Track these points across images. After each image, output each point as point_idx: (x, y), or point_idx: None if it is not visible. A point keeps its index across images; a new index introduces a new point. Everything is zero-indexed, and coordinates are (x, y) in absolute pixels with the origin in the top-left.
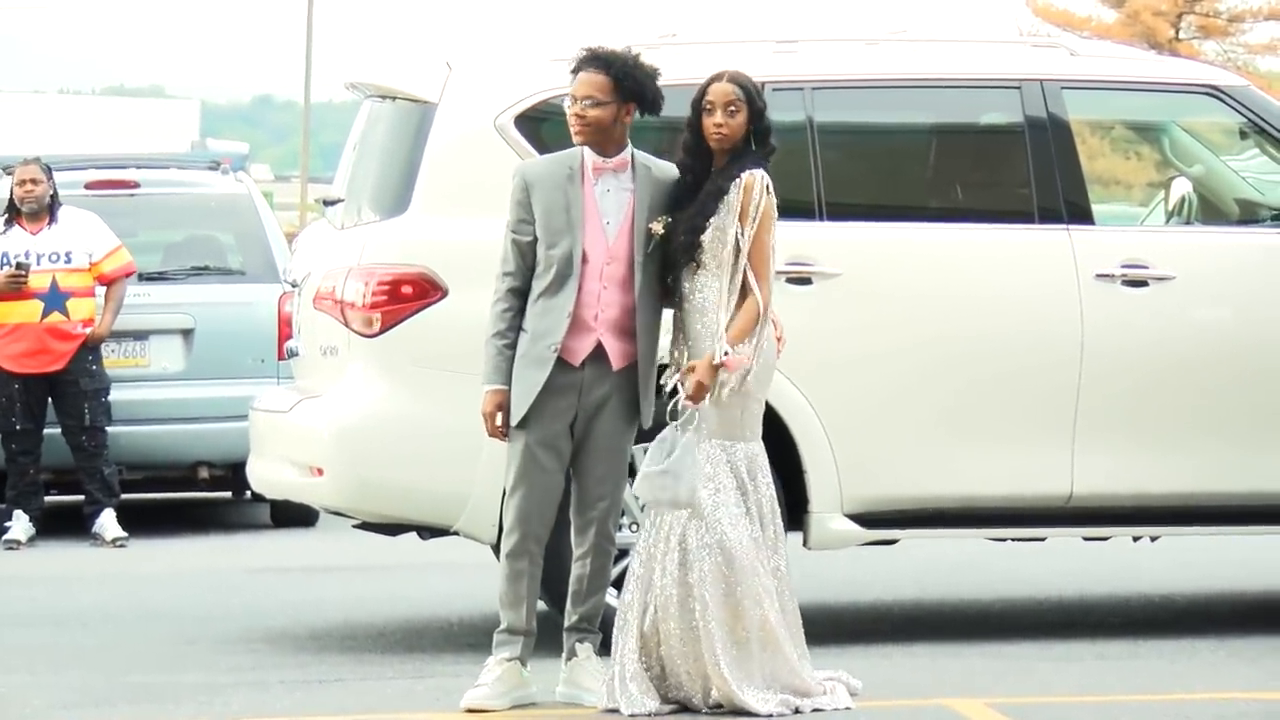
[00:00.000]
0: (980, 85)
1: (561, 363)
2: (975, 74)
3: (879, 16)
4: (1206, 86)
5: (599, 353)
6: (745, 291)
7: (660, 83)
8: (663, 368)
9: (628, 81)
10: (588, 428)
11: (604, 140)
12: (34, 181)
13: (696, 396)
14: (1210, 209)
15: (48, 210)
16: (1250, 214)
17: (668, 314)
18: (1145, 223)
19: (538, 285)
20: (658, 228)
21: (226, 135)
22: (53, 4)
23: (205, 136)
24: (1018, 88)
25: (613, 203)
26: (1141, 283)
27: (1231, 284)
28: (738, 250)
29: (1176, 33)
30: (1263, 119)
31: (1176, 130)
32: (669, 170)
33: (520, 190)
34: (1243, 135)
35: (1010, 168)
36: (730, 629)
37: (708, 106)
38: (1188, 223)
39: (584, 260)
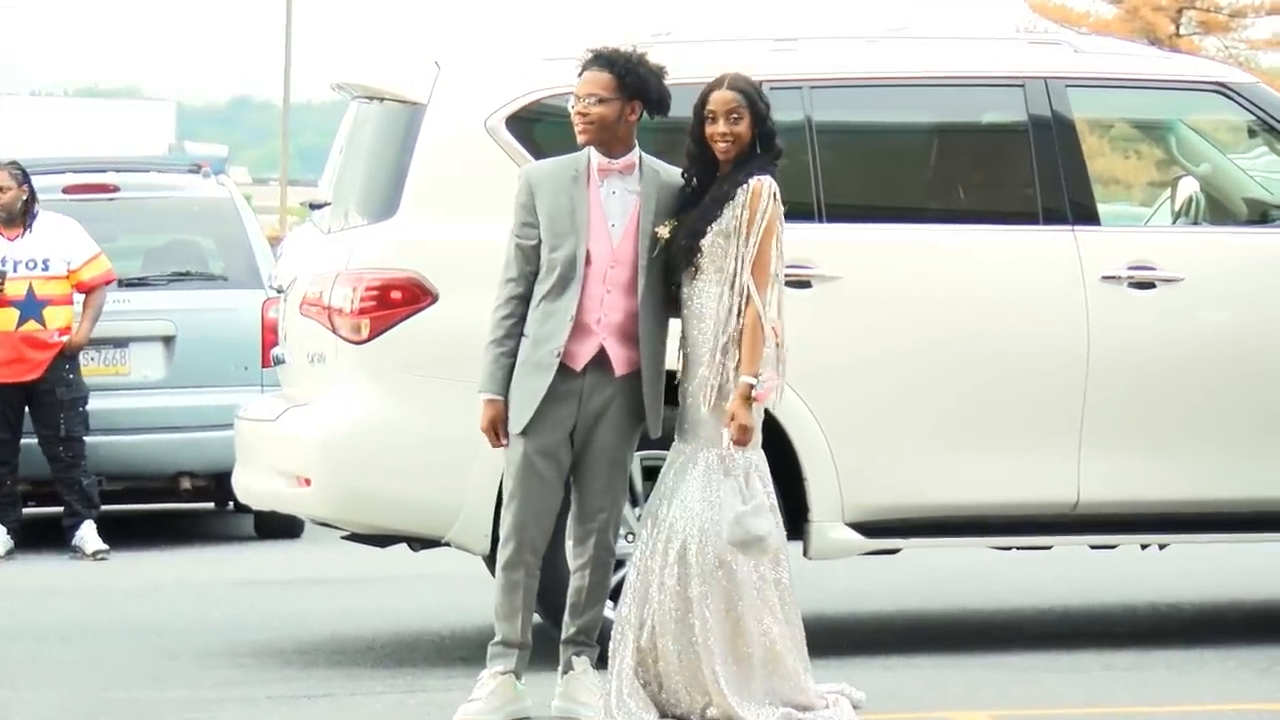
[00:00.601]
0: (983, 83)
1: (563, 368)
2: (978, 72)
3: (878, 13)
4: (1214, 84)
5: (601, 358)
6: (748, 300)
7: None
8: (670, 374)
9: (630, 78)
10: (588, 437)
11: (609, 140)
12: (1, 189)
13: (743, 441)
14: (1218, 209)
15: (23, 216)
16: (1259, 214)
17: (675, 323)
18: (1151, 223)
19: (540, 289)
20: (664, 231)
21: (203, 137)
22: (23, 2)
23: (182, 139)
24: (1021, 86)
25: (618, 205)
26: (1149, 284)
27: (1241, 285)
28: (740, 259)
29: (1177, 28)
30: (1272, 116)
31: (1183, 128)
32: (678, 175)
33: (524, 193)
34: (1251, 133)
35: (1014, 168)
36: (732, 645)
37: (710, 115)
38: (1195, 223)
39: (587, 263)
